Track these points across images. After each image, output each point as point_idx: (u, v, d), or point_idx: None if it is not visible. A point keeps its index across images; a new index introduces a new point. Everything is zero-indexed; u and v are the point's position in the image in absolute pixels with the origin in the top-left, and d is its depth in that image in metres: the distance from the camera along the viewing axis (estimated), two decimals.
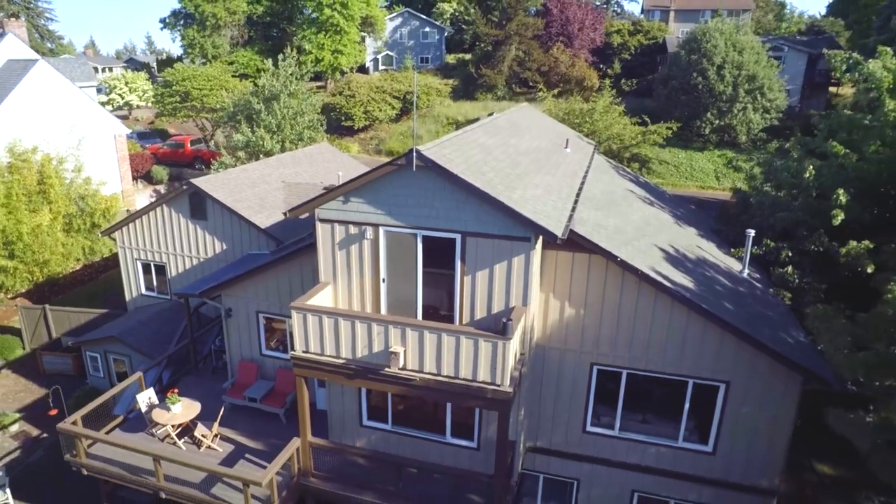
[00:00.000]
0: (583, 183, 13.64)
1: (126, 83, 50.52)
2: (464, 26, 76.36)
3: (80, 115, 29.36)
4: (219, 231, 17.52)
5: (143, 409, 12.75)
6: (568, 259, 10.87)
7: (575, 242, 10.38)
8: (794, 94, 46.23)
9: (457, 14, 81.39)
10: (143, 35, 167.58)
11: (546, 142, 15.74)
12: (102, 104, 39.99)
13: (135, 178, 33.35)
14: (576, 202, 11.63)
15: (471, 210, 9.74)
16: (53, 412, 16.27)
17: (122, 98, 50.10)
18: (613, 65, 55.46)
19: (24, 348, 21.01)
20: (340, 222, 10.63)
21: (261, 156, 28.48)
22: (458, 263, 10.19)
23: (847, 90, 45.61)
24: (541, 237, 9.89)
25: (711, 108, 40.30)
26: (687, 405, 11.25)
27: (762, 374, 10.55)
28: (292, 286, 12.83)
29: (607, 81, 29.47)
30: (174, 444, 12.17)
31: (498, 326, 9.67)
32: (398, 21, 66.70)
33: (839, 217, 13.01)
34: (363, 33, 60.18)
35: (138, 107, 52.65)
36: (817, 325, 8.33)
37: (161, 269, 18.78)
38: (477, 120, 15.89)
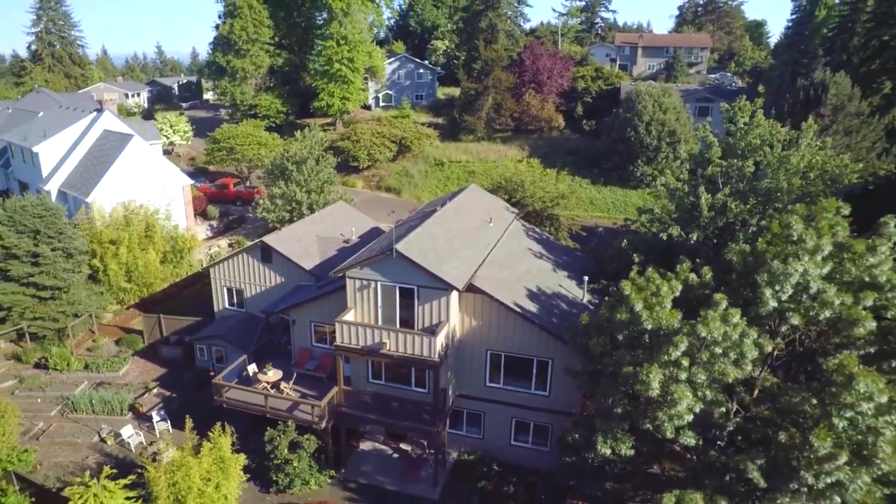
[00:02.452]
0: (493, 249, 24.37)
1: (170, 125, 61.27)
2: (455, 60, 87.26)
3: (160, 172, 40.18)
4: (279, 269, 28.22)
5: (251, 374, 23.53)
6: (472, 296, 21.59)
7: (474, 289, 21.11)
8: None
9: (448, 51, 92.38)
10: (153, 42, 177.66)
11: (477, 221, 26.44)
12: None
13: (195, 216, 44.11)
14: (480, 265, 22.35)
15: (421, 275, 20.40)
16: (211, 373, 26.68)
17: (168, 139, 60.90)
18: (577, 107, 66.23)
19: (143, 343, 31.71)
20: (358, 278, 21.33)
21: (293, 203, 39.24)
22: (416, 299, 20.88)
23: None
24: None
25: (641, 155, 51.13)
26: (535, 371, 21.98)
27: (568, 355, 21.17)
28: (330, 308, 23.46)
29: (534, 161, 40.46)
30: (269, 392, 22.88)
31: (432, 330, 20.42)
32: (396, 64, 77.34)
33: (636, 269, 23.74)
34: (365, 76, 70.86)
35: (180, 145, 63.53)
36: (567, 333, 18.99)
37: (240, 293, 29.49)
38: (435, 207, 26.53)
